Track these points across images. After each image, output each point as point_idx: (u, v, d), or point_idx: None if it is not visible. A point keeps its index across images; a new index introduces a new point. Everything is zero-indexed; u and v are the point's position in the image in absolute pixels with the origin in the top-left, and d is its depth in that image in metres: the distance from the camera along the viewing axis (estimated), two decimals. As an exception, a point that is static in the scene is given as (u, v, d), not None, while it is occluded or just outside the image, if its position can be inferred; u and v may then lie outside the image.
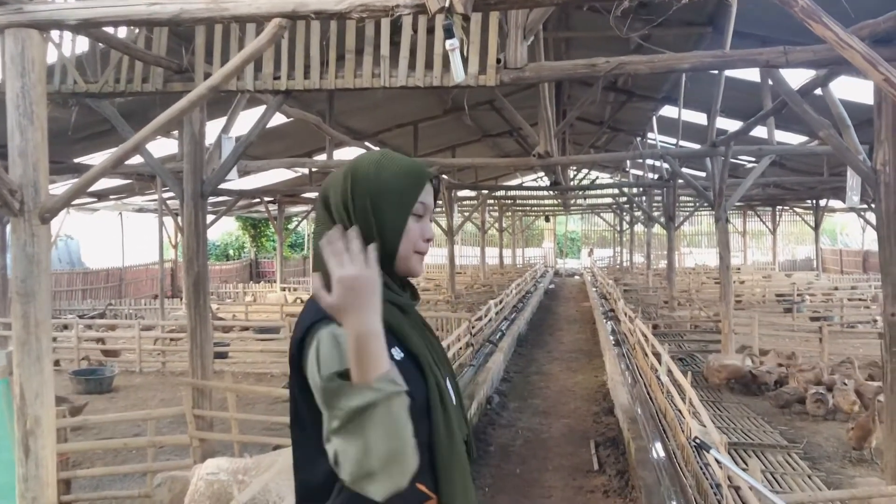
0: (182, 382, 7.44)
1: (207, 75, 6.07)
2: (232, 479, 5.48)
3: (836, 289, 25.29)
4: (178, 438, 6.37)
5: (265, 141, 15.75)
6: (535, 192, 30.39)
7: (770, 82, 10.61)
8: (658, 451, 7.13)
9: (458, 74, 4.23)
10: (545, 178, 28.85)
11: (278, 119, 14.30)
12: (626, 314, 14.26)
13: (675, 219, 18.25)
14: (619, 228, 39.14)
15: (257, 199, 23.87)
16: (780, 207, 35.73)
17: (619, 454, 8.08)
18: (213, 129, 8.68)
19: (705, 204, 24.89)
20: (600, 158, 17.39)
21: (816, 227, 32.00)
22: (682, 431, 6.95)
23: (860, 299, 22.00)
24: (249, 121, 14.72)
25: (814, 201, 30.49)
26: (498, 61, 5.55)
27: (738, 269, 37.02)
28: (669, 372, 8.13)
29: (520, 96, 15.70)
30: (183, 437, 6.31)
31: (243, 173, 17.22)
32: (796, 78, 11.33)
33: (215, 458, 5.83)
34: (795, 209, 34.37)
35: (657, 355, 9.41)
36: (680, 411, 7.28)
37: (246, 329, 15.10)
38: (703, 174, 17.37)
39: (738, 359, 11.25)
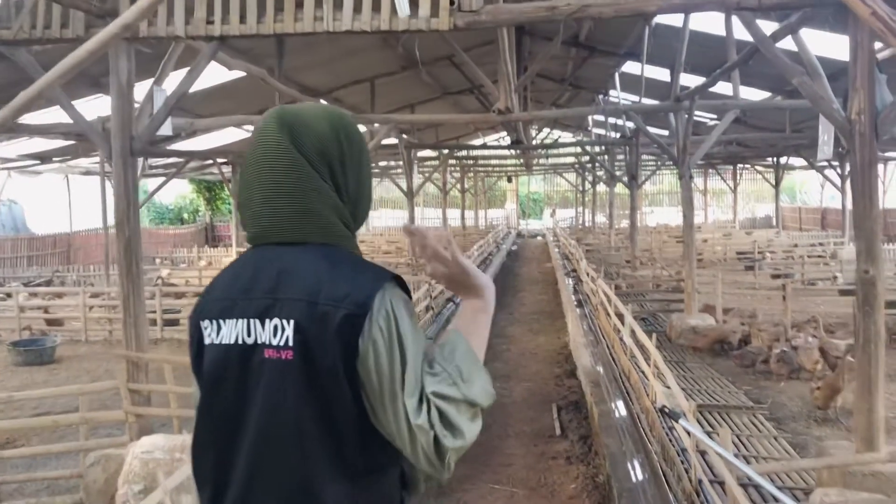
0: (116, 354, 6.97)
1: (133, 19, 5.52)
2: (168, 458, 5.10)
3: (795, 246, 25.47)
4: (111, 415, 5.95)
5: (214, 99, 15.05)
6: (496, 152, 29.98)
7: (735, 36, 10.34)
8: (622, 415, 6.89)
9: (401, 9, 3.78)
10: (507, 139, 28.48)
11: (229, 75, 13.63)
12: (588, 274, 14.05)
13: (637, 178, 18.03)
14: (581, 188, 39.01)
15: (210, 161, 23.08)
16: (741, 166, 35.81)
17: (581, 418, 7.85)
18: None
19: (668, 162, 24.79)
20: (562, 114, 17.04)
21: (777, 185, 32.18)
22: (647, 395, 6.72)
23: (819, 256, 22.16)
24: (201, 80, 14.19)
25: (774, 159, 30.58)
26: (451, 3, 5.10)
27: (699, 227, 37.25)
28: (633, 333, 7.88)
29: (479, 52, 15.18)
30: (118, 412, 5.88)
31: (190, 133, 16.52)
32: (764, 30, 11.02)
33: (151, 436, 5.43)
34: (756, 167, 34.46)
35: (620, 316, 9.17)
36: (644, 374, 7.06)
37: (198, 295, 14.55)
38: (665, 132, 17.14)
39: (701, 318, 11.11)
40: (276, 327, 1.34)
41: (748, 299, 13.27)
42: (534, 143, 24.09)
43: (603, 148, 22.29)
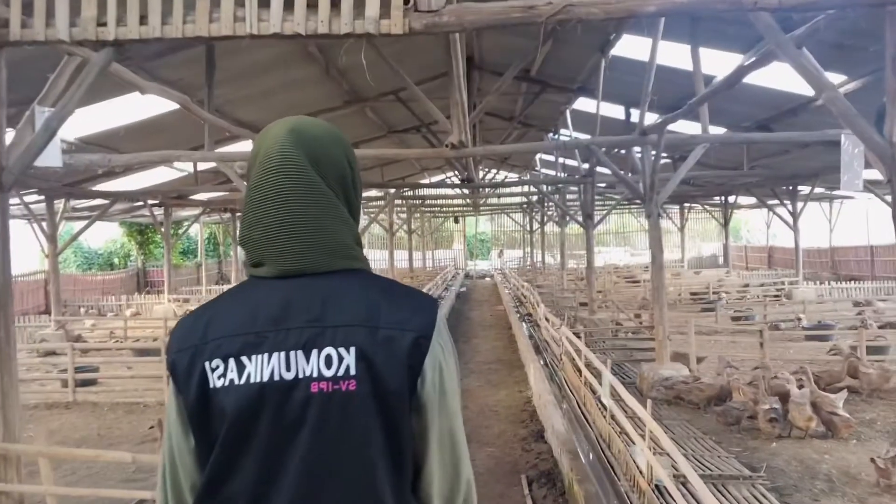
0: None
1: (3, 21, 4.39)
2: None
3: (746, 286, 25.12)
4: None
5: (142, 134, 13.83)
6: (444, 192, 29.15)
7: (702, 72, 9.68)
8: (609, 496, 5.84)
9: None
10: (454, 178, 27.64)
11: (158, 108, 12.45)
12: (548, 320, 13.10)
13: (593, 216, 17.29)
14: (529, 228, 38.41)
15: (140, 203, 21.61)
16: (688, 205, 35.75)
17: (557, 494, 6.79)
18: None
19: (627, 199, 24.27)
20: (517, 149, 16.22)
21: (726, 224, 32.07)
22: (641, 472, 5.70)
23: (775, 296, 21.76)
24: (126, 114, 12.94)
25: (723, 198, 30.48)
26: (406, 2, 4.13)
27: (647, 268, 37.00)
28: (613, 392, 6.89)
29: (428, 87, 14.35)
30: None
31: (113, 170, 15.19)
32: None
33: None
34: (704, 206, 34.40)
35: (594, 371, 8.19)
36: (628, 438, 6.06)
37: (121, 350, 13.14)
38: (622, 172, 16.47)
39: (677, 368, 10.23)
40: (328, 357, 1.26)
41: (711, 344, 12.46)
42: (484, 182, 23.33)
43: (555, 187, 21.58)
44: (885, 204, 17.04)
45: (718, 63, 11.71)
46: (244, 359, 1.26)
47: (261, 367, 1.26)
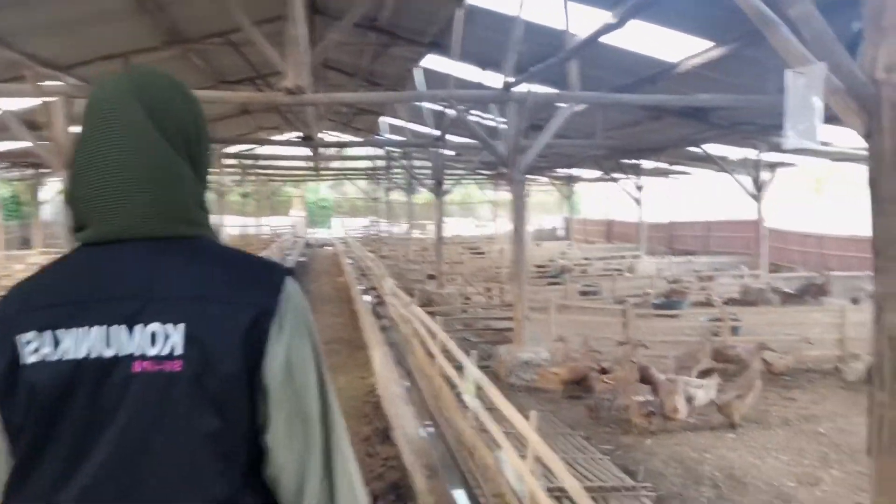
0: None
1: None
2: None
3: (587, 259, 25.12)
4: None
5: None
6: (282, 153, 27.08)
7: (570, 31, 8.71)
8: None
9: None
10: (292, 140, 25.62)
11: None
12: (395, 295, 11.84)
13: (443, 184, 16.21)
14: (375, 196, 36.96)
15: None
16: (531, 177, 35.67)
17: (409, 515, 5.56)
18: None
19: (482, 165, 23.33)
20: (372, 98, 14.62)
21: (569, 197, 32.24)
22: (515, 494, 4.55)
23: (617, 270, 21.75)
24: None
25: (567, 170, 30.52)
26: None
27: (491, 238, 36.81)
28: (480, 391, 5.71)
29: (262, 31, 12.51)
30: None
31: None
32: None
33: None
34: (550, 177, 34.44)
35: (450, 357, 7.00)
36: (495, 443, 4.92)
37: None
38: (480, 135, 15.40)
39: (535, 351, 9.30)
40: (153, 335, 1.14)
41: (571, 323, 11.73)
42: (325, 149, 21.61)
43: (403, 152, 20.27)
44: (736, 181, 17.15)
45: (586, 23, 10.81)
46: (60, 332, 1.15)
47: (78, 343, 1.15)
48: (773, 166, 17.18)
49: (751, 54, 10.16)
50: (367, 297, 15.83)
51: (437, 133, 15.49)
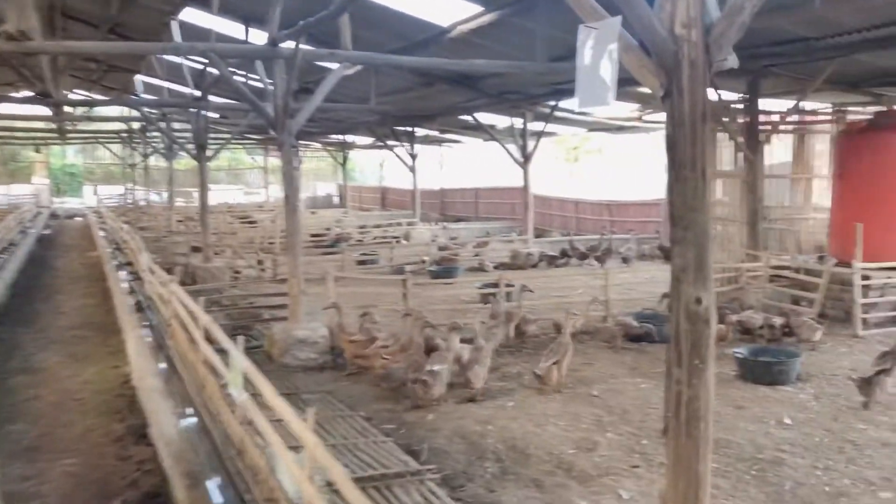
0: None
1: None
2: None
3: (363, 227, 24.78)
4: None
5: None
6: (18, 112, 23.75)
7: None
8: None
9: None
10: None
11: None
12: (153, 273, 10.65)
13: (206, 148, 14.96)
14: (131, 162, 33.81)
15: None
16: (304, 142, 34.57)
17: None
18: None
19: (249, 128, 21.90)
20: (118, 49, 12.85)
21: (343, 164, 31.65)
22: (280, 486, 4.02)
23: (394, 237, 21.62)
24: None
25: (340, 136, 29.88)
26: None
27: (262, 206, 35.30)
28: (248, 383, 5.05)
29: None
30: None
31: None
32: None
33: None
34: (323, 143, 33.56)
35: (213, 343, 6.23)
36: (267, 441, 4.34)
37: None
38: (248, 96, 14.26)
39: (312, 328, 8.73)
40: None
41: (351, 295, 11.28)
42: (70, 108, 19.10)
43: (161, 113, 18.45)
44: (504, 149, 17.54)
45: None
46: None
47: None
48: (538, 135, 17.81)
49: (519, 22, 10.21)
50: (123, 275, 14.26)
51: (198, 94, 14.18)
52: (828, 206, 11.70)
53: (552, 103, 15.68)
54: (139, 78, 20.84)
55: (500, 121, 18.96)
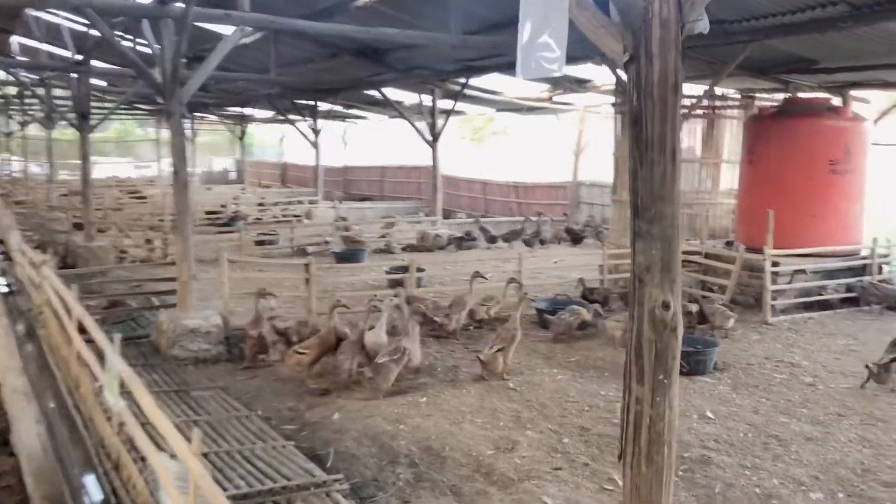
0: None
1: None
2: None
3: (262, 204, 23.67)
4: None
5: None
6: None
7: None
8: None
9: None
10: None
11: None
12: (25, 254, 9.57)
13: (89, 117, 13.72)
14: (5, 130, 31.22)
15: None
16: (199, 115, 32.81)
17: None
18: None
19: (136, 98, 20.37)
20: None
21: (241, 137, 30.25)
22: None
23: (295, 216, 20.72)
24: None
25: (238, 109, 28.49)
26: None
27: (153, 181, 33.36)
28: (122, 387, 4.34)
29: None
30: None
31: None
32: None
33: None
34: (220, 115, 31.95)
35: (88, 339, 5.45)
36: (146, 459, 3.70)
37: None
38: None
39: (204, 317, 7.99)
40: None
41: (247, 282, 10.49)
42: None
43: (39, 78, 16.89)
44: (413, 127, 16.93)
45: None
46: None
47: None
48: (447, 114, 17.32)
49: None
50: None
51: (80, 57, 12.91)
52: (735, 191, 11.75)
53: (462, 80, 15.21)
54: (15, 39, 19.04)
55: (408, 97, 18.32)
